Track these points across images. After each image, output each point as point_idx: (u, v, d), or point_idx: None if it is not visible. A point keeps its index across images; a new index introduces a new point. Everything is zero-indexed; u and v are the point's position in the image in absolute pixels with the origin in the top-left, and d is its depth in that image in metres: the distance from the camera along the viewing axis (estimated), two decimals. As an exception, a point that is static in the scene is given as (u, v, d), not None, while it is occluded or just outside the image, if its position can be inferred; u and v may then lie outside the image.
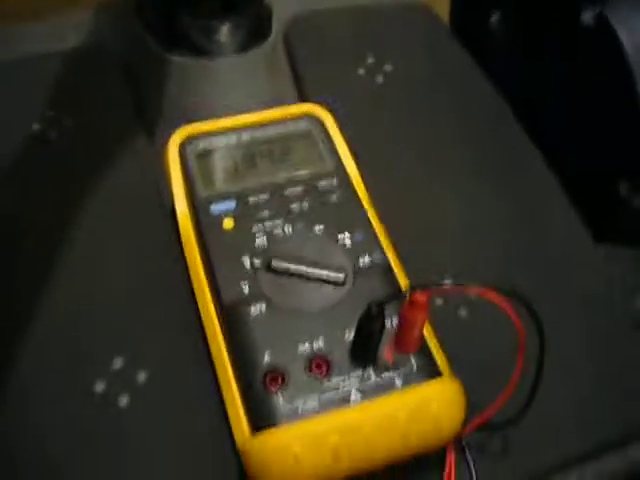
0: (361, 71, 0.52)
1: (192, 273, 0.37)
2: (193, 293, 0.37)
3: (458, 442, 0.35)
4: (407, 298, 0.29)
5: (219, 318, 0.34)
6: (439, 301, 0.40)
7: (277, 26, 0.50)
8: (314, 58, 0.52)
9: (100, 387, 0.36)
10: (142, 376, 0.36)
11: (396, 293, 0.29)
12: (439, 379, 0.32)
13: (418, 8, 0.57)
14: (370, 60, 0.52)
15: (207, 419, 0.35)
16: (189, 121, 0.43)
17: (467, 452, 0.35)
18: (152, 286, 0.39)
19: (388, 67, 0.52)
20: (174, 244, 0.41)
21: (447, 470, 0.34)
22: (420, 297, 0.29)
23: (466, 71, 0.53)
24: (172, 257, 0.40)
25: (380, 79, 0.52)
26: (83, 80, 0.50)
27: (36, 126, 0.47)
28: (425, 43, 0.55)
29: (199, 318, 0.36)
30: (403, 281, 0.36)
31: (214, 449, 0.34)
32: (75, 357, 0.37)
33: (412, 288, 0.29)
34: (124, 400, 0.36)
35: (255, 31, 0.47)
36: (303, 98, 0.50)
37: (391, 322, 0.33)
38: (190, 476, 0.34)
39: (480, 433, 0.35)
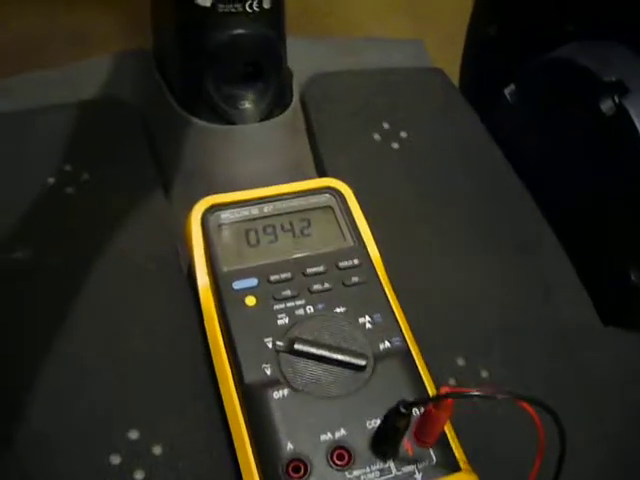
0: (376, 136, 0.53)
1: (213, 349, 0.37)
2: (212, 367, 0.37)
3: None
4: (436, 402, 0.29)
5: (240, 398, 0.35)
6: (452, 381, 0.41)
7: (297, 91, 0.50)
8: (330, 123, 0.52)
9: (116, 460, 0.36)
10: (157, 450, 0.36)
11: (426, 397, 0.30)
12: (458, 474, 0.33)
13: (433, 72, 0.58)
14: (386, 126, 0.53)
15: None
16: (208, 184, 0.43)
17: None
18: (170, 356, 0.39)
19: (403, 133, 0.53)
20: (192, 312, 0.41)
21: None
22: (449, 400, 0.29)
23: (481, 142, 0.54)
24: (191, 328, 0.40)
25: (396, 145, 0.52)
26: (101, 133, 0.50)
27: (51, 180, 0.47)
28: (440, 109, 0.55)
29: (218, 393, 0.36)
30: (421, 365, 0.37)
31: None
32: (91, 428, 0.36)
33: (443, 395, 0.29)
34: (139, 474, 0.35)
35: (279, 98, 0.47)
36: (319, 164, 0.50)
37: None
38: None
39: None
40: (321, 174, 0.50)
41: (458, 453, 0.34)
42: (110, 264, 0.43)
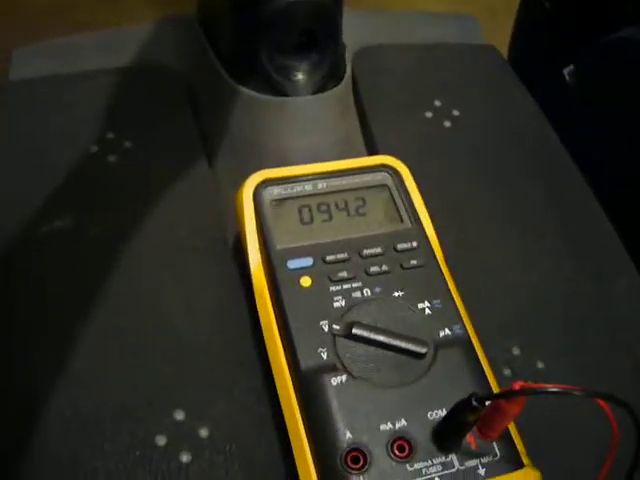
0: (428, 114, 0.51)
1: (265, 329, 0.36)
2: (263, 346, 0.35)
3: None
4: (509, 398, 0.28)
5: (295, 382, 0.33)
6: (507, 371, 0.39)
7: (349, 65, 0.48)
8: (381, 98, 0.50)
9: (162, 441, 0.35)
10: (204, 432, 0.35)
11: (501, 392, 0.28)
12: (522, 471, 0.31)
13: (486, 49, 0.56)
14: (437, 103, 0.51)
15: None
16: (256, 158, 0.41)
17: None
18: (217, 336, 0.38)
19: (456, 112, 0.51)
20: (239, 290, 0.40)
21: None
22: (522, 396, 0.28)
23: (535, 123, 0.52)
24: (238, 303, 0.39)
25: (448, 123, 0.50)
26: (145, 100, 0.49)
27: (94, 147, 0.46)
28: (493, 87, 0.53)
29: (269, 374, 0.35)
30: (481, 354, 0.35)
31: None
32: (136, 408, 0.35)
33: (518, 391, 0.27)
34: (185, 456, 0.34)
35: (333, 70, 0.45)
36: (370, 140, 0.48)
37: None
38: None
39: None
40: (371, 151, 0.48)
41: (521, 449, 0.32)
42: (153, 236, 0.42)
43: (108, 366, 0.36)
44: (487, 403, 0.31)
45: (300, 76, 0.44)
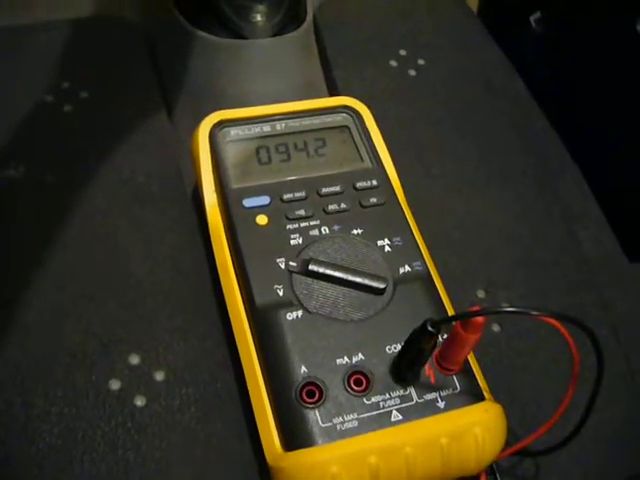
0: (393, 63, 0.50)
1: (221, 270, 0.35)
2: (220, 289, 0.35)
3: (489, 466, 0.33)
4: (466, 319, 0.27)
5: (250, 321, 0.32)
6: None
7: (310, 9, 0.47)
8: (345, 47, 0.49)
9: (115, 385, 0.34)
10: (159, 376, 0.34)
11: (457, 314, 0.28)
12: (482, 404, 0.31)
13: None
14: (402, 52, 0.50)
15: (232, 426, 0.33)
16: (215, 103, 0.40)
17: (498, 477, 0.34)
18: (173, 279, 0.37)
19: (421, 61, 0.50)
20: (197, 234, 0.39)
21: (480, 495, 0.32)
22: (479, 319, 0.27)
23: (501, 71, 0.51)
24: (196, 248, 0.38)
25: (413, 72, 0.49)
26: (101, 50, 0.47)
27: (49, 98, 0.44)
28: (459, 37, 0.52)
29: (226, 318, 0.34)
30: (442, 291, 0.34)
31: (239, 458, 0.32)
32: (90, 352, 0.34)
33: (474, 311, 0.27)
34: (140, 400, 0.33)
35: (292, 14, 0.44)
36: (332, 86, 0.47)
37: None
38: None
39: (511, 458, 0.34)
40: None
41: (482, 384, 0.32)
42: (109, 184, 0.41)
43: (62, 312, 0.35)
44: (443, 337, 0.30)
45: (259, 17, 0.42)
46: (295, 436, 0.29)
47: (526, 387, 0.36)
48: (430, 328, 0.27)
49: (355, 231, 0.35)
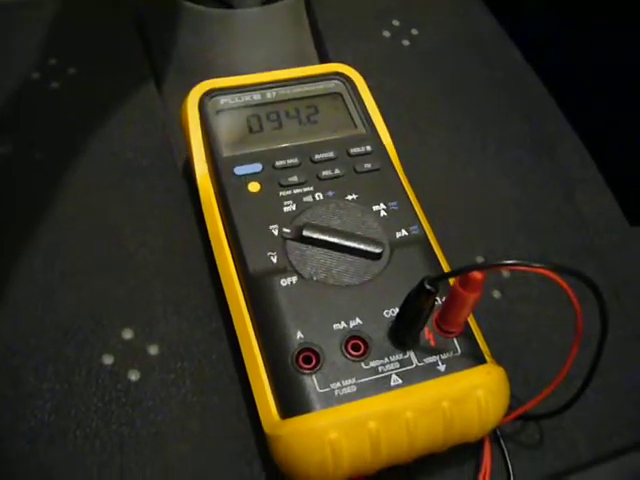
0: (386, 33, 0.49)
1: (213, 239, 0.34)
2: (213, 261, 0.34)
3: (492, 432, 0.32)
4: (464, 274, 0.26)
5: (244, 289, 0.31)
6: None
7: None
8: (336, 18, 0.48)
9: (109, 360, 0.33)
10: (153, 350, 0.33)
11: (455, 270, 0.27)
12: (484, 366, 0.30)
13: None
14: (396, 23, 0.49)
15: (228, 397, 0.32)
16: (204, 75, 0.39)
17: (502, 442, 0.33)
18: (166, 252, 0.36)
19: (415, 31, 0.49)
20: (188, 206, 0.38)
21: (484, 460, 0.31)
22: (478, 275, 0.26)
23: (497, 40, 0.50)
24: (188, 221, 0.37)
25: (406, 42, 0.48)
26: (87, 25, 0.46)
27: (36, 75, 0.43)
28: (454, 7, 0.51)
29: (220, 289, 0.33)
30: (441, 256, 0.34)
31: (236, 430, 0.31)
32: (82, 328, 0.33)
33: (472, 266, 0.26)
34: (134, 375, 0.33)
35: (280, -18, 0.43)
36: (324, 58, 0.46)
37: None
38: (208, 458, 0.31)
39: (514, 423, 0.33)
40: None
41: (484, 347, 0.31)
42: (99, 159, 0.40)
43: (52, 288, 0.35)
44: (442, 300, 0.29)
45: (245, -14, 0.41)
46: (292, 403, 0.28)
47: (528, 352, 0.35)
48: (428, 286, 0.26)
49: (350, 197, 0.34)
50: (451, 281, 0.31)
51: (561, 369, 0.29)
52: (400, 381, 0.29)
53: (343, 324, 0.30)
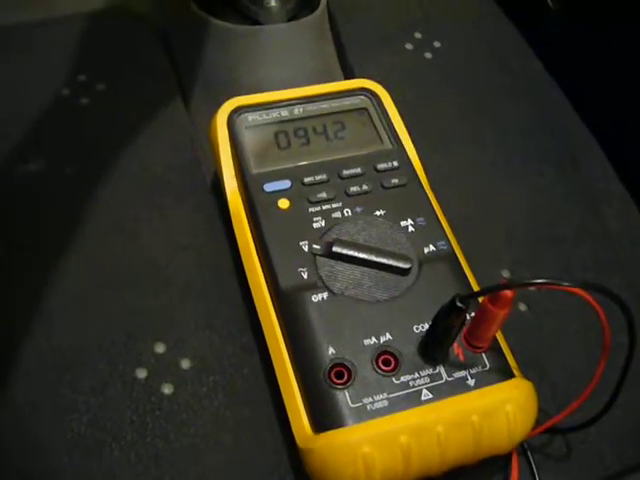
0: (409, 46, 0.49)
1: (244, 255, 0.34)
2: (243, 275, 0.34)
3: (520, 445, 0.33)
4: (495, 293, 0.27)
5: (275, 305, 0.32)
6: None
7: None
8: (359, 32, 0.49)
9: (142, 374, 0.33)
10: (186, 364, 0.34)
11: (486, 288, 0.27)
12: (512, 380, 0.30)
13: None
14: (418, 35, 0.50)
15: (260, 411, 0.33)
16: (231, 91, 0.40)
17: (530, 455, 0.33)
18: (197, 268, 0.37)
19: (437, 43, 0.50)
20: (218, 222, 0.39)
21: (512, 473, 0.32)
22: (508, 293, 0.27)
23: (518, 51, 0.50)
24: (217, 236, 0.38)
25: (429, 55, 0.49)
26: (116, 42, 0.47)
27: (66, 91, 0.44)
28: (475, 19, 0.52)
29: (250, 303, 0.34)
30: (468, 271, 0.34)
31: (268, 443, 0.32)
32: (115, 342, 0.34)
33: (502, 284, 0.26)
34: (167, 388, 0.33)
35: (305, -1, 0.44)
36: (348, 71, 0.47)
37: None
38: (242, 471, 0.31)
39: (541, 436, 0.33)
40: (350, 82, 0.46)
41: (512, 362, 0.31)
42: (129, 175, 0.41)
43: (86, 302, 0.35)
44: (471, 315, 0.30)
45: (273, 3, 0.42)
46: (325, 417, 0.29)
47: (555, 365, 0.36)
48: (459, 303, 0.27)
49: (378, 212, 0.35)
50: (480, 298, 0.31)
51: (588, 383, 0.29)
52: (430, 395, 0.29)
53: (374, 339, 0.30)
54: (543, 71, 0.49)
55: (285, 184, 0.35)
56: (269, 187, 0.35)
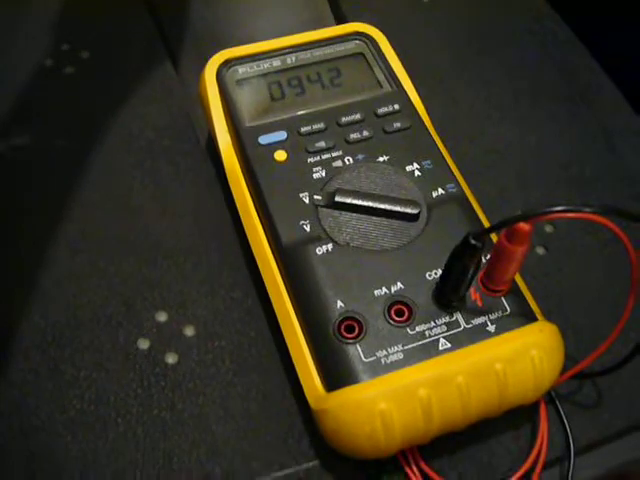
0: None
1: (242, 213, 0.33)
2: (244, 236, 0.33)
3: (547, 393, 0.31)
4: (510, 226, 0.24)
5: (278, 262, 0.30)
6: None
7: None
8: None
9: (144, 344, 0.32)
10: (190, 331, 0.32)
11: (501, 222, 0.25)
12: (536, 324, 0.28)
13: None
14: None
15: (270, 375, 0.31)
16: (220, 46, 0.38)
17: (558, 403, 0.31)
18: (195, 232, 0.35)
19: None
20: (215, 184, 0.37)
21: (541, 423, 0.30)
22: (525, 226, 0.24)
23: None
24: (215, 198, 0.36)
25: None
26: (99, 8, 0.45)
27: (49, 62, 0.42)
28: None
29: (253, 264, 0.32)
30: (480, 213, 0.32)
31: (280, 408, 0.30)
32: (114, 313, 0.32)
33: (518, 216, 0.24)
34: (171, 357, 0.32)
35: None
36: (341, 19, 0.45)
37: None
38: (254, 438, 0.30)
39: (569, 383, 0.31)
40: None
41: (532, 303, 0.29)
42: (120, 141, 0.39)
43: (82, 275, 0.34)
44: (487, 257, 0.28)
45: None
46: (337, 375, 0.27)
47: (579, 308, 0.34)
48: (472, 241, 0.25)
49: (381, 158, 0.33)
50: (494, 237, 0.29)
51: (616, 323, 0.27)
52: (449, 345, 0.27)
53: (384, 290, 0.28)
54: (547, 7, 0.47)
55: (281, 135, 0.33)
56: (264, 139, 0.33)
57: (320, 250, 0.29)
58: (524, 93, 0.42)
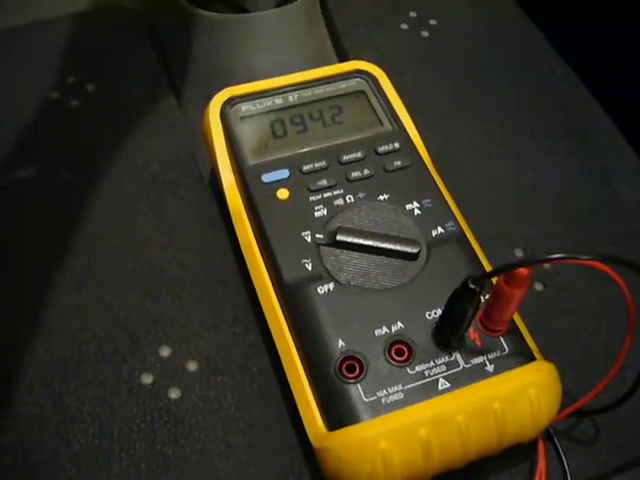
0: (404, 26, 0.48)
1: (245, 250, 0.33)
2: (246, 272, 0.33)
3: (546, 430, 0.31)
4: (509, 272, 0.25)
5: (280, 299, 0.31)
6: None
7: None
8: (353, 14, 0.47)
9: (148, 379, 0.32)
10: (192, 366, 0.33)
11: (500, 267, 0.25)
12: (534, 363, 0.29)
13: None
14: (413, 14, 0.48)
15: (271, 411, 0.31)
16: (223, 82, 0.38)
17: (556, 440, 0.32)
18: (198, 267, 0.36)
19: (433, 21, 0.48)
20: (218, 218, 0.37)
21: (539, 460, 0.30)
22: (524, 271, 0.25)
23: (517, 25, 0.49)
24: (218, 233, 0.36)
25: (425, 33, 0.47)
26: (103, 42, 0.46)
27: (55, 94, 0.43)
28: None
29: (255, 300, 0.32)
30: (479, 252, 0.33)
31: (282, 444, 0.31)
32: (118, 348, 0.33)
33: (517, 262, 0.25)
34: (174, 393, 0.32)
35: (294, -18, 0.42)
36: (343, 56, 0.45)
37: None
38: (256, 474, 0.30)
39: (567, 421, 0.32)
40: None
41: (530, 342, 0.30)
42: (124, 175, 0.39)
43: (86, 309, 0.34)
44: (485, 297, 0.28)
45: (258, -10, 0.41)
46: (338, 414, 0.27)
47: (577, 345, 0.34)
48: (472, 285, 0.25)
49: (381, 197, 0.33)
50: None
51: (613, 361, 0.28)
52: (448, 384, 0.28)
53: (385, 329, 0.29)
54: (543, 41, 0.48)
55: (283, 173, 0.34)
56: (267, 178, 0.33)
57: (322, 289, 0.30)
58: (522, 129, 0.43)
